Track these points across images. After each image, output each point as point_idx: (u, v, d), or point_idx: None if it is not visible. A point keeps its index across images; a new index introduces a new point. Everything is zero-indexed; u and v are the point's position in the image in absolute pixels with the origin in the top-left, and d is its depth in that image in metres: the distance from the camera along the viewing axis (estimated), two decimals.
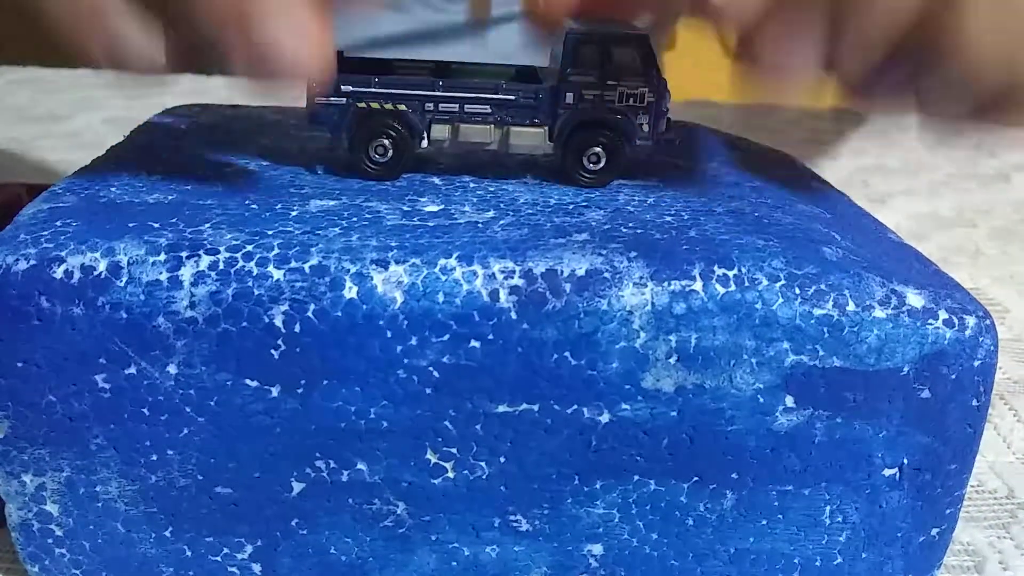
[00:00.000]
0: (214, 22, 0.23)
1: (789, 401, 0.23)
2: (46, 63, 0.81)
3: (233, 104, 0.35)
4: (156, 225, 0.23)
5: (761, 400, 0.23)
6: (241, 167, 0.27)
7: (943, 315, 0.23)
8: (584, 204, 0.26)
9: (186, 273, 0.22)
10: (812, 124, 0.75)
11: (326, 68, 0.23)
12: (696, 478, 0.23)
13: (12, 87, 0.74)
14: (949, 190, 0.62)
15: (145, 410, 0.22)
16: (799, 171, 0.32)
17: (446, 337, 0.22)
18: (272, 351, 0.22)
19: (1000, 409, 0.37)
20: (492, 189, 0.26)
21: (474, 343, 0.22)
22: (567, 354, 0.22)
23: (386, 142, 0.26)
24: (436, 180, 0.27)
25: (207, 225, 0.23)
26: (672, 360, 0.22)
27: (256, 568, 0.24)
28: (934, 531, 0.25)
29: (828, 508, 0.24)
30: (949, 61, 0.25)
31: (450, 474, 0.23)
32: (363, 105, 0.26)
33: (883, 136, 0.74)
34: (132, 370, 0.22)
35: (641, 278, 0.22)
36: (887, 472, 0.24)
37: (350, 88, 0.26)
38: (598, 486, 0.23)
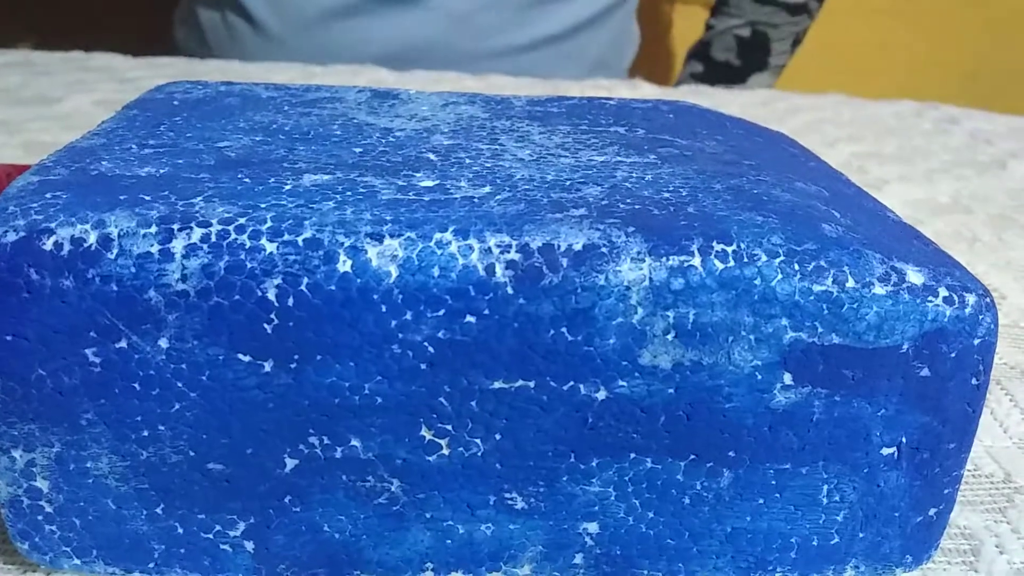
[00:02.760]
0: None
1: (787, 378, 0.22)
2: (37, 45, 0.80)
3: (227, 81, 0.34)
4: (147, 198, 0.23)
5: (759, 377, 0.22)
6: (234, 141, 0.27)
7: (943, 292, 0.23)
8: (581, 180, 0.25)
9: (178, 246, 0.21)
10: (812, 113, 0.75)
11: None
12: (693, 456, 0.23)
13: (4, 70, 0.74)
14: (946, 177, 0.62)
15: (136, 385, 0.22)
16: (798, 150, 0.32)
17: (441, 312, 0.22)
18: (265, 325, 0.21)
19: (997, 394, 0.37)
20: (488, 165, 0.26)
21: (470, 318, 0.22)
22: (564, 330, 0.22)
23: None
24: (431, 156, 0.27)
25: (199, 198, 0.23)
26: (670, 336, 0.22)
27: (249, 545, 0.24)
28: (932, 511, 0.25)
29: (825, 487, 0.24)
30: None
31: (445, 451, 0.23)
32: None
33: (880, 123, 0.74)
34: (123, 344, 0.22)
35: (639, 253, 0.22)
36: (885, 451, 0.24)
37: None
38: (594, 463, 0.23)
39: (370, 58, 0.81)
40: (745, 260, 0.22)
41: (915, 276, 0.23)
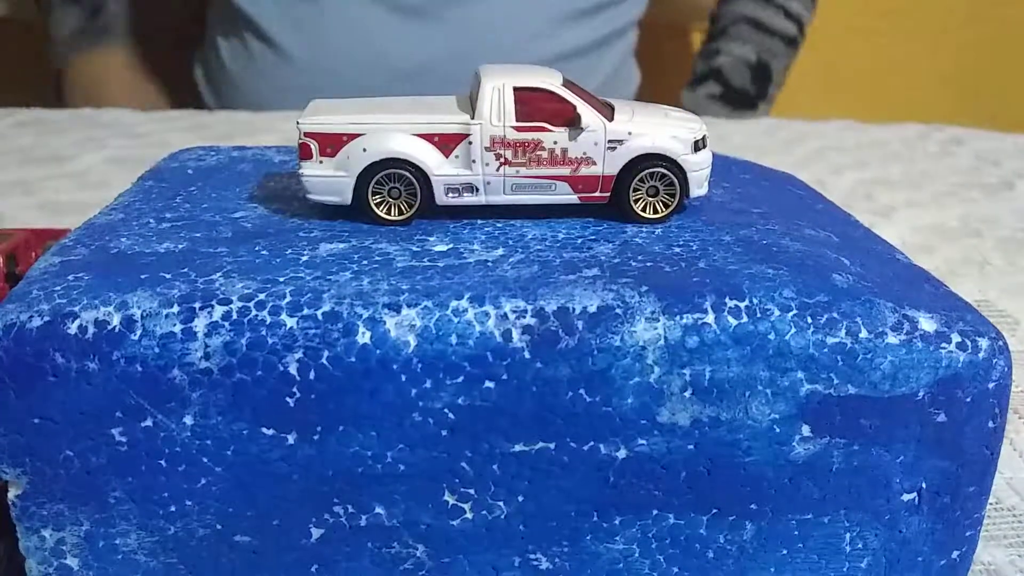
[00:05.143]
0: None
1: (805, 430, 0.23)
2: (49, 104, 0.81)
3: (239, 145, 0.35)
4: (168, 276, 0.23)
5: (777, 430, 0.23)
6: (249, 211, 0.27)
7: (956, 338, 0.23)
8: (592, 238, 0.26)
9: (199, 324, 0.22)
10: (816, 140, 0.76)
11: None
12: (715, 510, 0.23)
13: (16, 129, 0.75)
14: (954, 200, 0.62)
15: (162, 462, 0.22)
16: (805, 193, 0.32)
17: (460, 379, 0.22)
18: (287, 399, 0.22)
19: (1016, 424, 0.37)
20: (500, 225, 0.26)
21: (488, 383, 0.22)
22: (582, 391, 0.22)
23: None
24: (444, 217, 0.27)
25: (218, 274, 0.23)
26: (687, 393, 0.22)
27: None
28: (955, 553, 0.25)
29: (848, 535, 0.24)
30: None
31: (468, 515, 0.23)
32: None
33: (885, 147, 0.74)
34: (148, 423, 0.22)
35: (653, 313, 0.22)
36: (906, 497, 0.24)
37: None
38: (617, 522, 0.23)
39: (388, 74, 0.82)
40: (758, 315, 0.22)
41: (927, 323, 0.23)
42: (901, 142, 0.76)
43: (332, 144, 0.26)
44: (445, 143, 0.26)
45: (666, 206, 0.27)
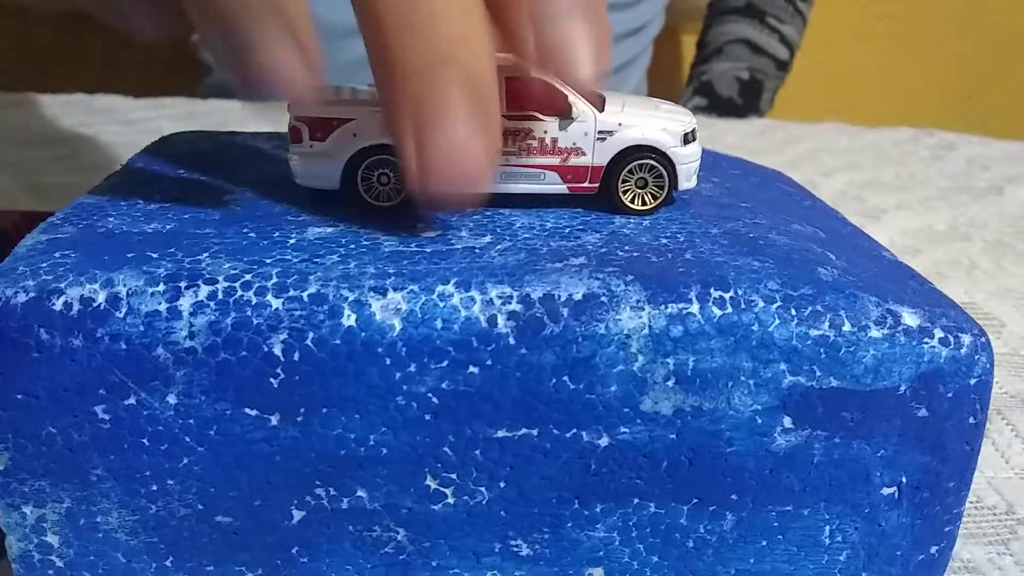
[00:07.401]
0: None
1: (787, 422, 0.23)
2: (41, 87, 0.81)
3: (230, 131, 0.35)
4: (154, 255, 0.23)
5: (759, 421, 0.23)
6: (239, 195, 0.27)
7: (939, 334, 0.23)
8: (580, 227, 0.26)
9: (185, 303, 0.22)
10: (808, 142, 0.76)
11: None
12: (696, 500, 0.23)
13: (7, 112, 0.74)
14: (943, 204, 0.63)
15: (145, 440, 0.22)
16: (794, 190, 0.32)
17: (445, 363, 0.22)
18: (271, 380, 0.22)
19: (998, 424, 0.37)
20: (488, 213, 0.27)
21: (473, 369, 0.22)
22: (565, 378, 0.22)
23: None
24: None
25: (205, 254, 0.23)
26: (670, 383, 0.22)
27: None
28: (933, 549, 0.25)
29: (828, 528, 0.24)
30: None
31: (450, 500, 0.23)
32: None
33: (877, 150, 0.74)
34: (132, 401, 0.22)
35: (638, 301, 0.22)
36: (886, 491, 0.24)
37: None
38: (598, 509, 0.23)
39: None
40: (743, 306, 0.22)
41: (910, 318, 0.23)
42: (893, 145, 0.76)
43: (322, 128, 0.26)
44: None
45: (654, 198, 0.27)
